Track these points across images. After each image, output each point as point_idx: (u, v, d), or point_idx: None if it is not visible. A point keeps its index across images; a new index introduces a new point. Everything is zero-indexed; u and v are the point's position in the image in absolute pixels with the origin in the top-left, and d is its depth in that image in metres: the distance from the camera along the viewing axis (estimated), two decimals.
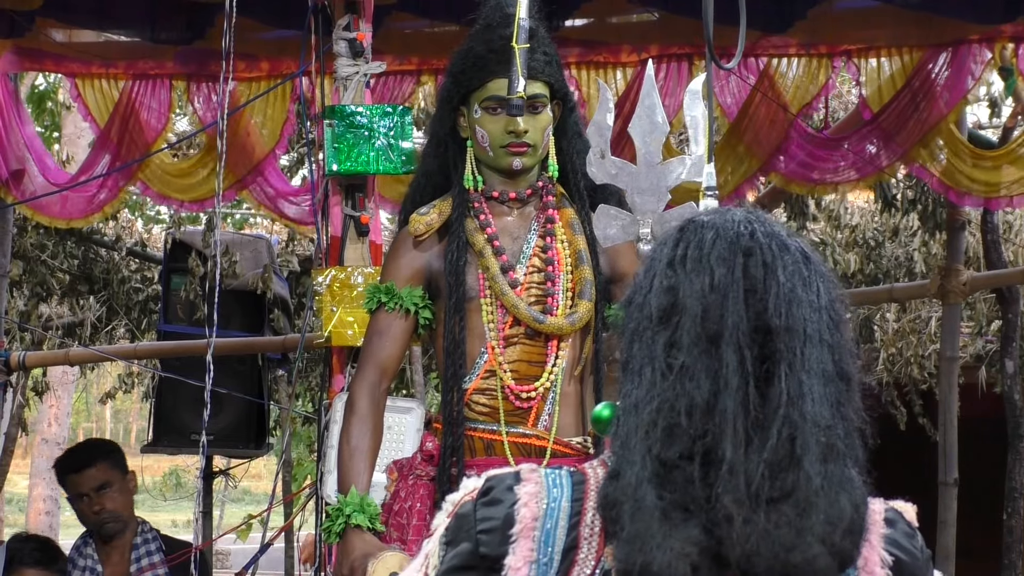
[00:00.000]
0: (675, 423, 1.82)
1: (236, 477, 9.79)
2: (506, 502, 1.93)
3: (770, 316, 1.84)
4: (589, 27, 6.90)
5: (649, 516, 1.81)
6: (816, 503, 1.80)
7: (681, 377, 1.83)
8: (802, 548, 1.80)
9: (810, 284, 1.87)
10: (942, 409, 7.79)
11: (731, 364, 1.82)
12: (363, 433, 3.96)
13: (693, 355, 1.83)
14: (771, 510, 1.80)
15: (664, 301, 1.87)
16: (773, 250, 1.88)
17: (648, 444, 1.83)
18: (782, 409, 1.81)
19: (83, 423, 33.72)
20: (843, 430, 1.84)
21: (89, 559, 5.91)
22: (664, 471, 1.82)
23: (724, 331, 1.83)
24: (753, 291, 1.85)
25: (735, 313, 1.83)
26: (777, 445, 1.80)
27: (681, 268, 1.87)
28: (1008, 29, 6.55)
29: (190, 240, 9.01)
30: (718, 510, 1.80)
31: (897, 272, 9.81)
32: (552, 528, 1.91)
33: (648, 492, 1.82)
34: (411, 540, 3.94)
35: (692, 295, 1.85)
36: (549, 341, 3.97)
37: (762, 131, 6.87)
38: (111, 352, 9.59)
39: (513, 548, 1.90)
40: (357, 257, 4.87)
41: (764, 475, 1.80)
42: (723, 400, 1.81)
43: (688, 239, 1.90)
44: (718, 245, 1.87)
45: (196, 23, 6.63)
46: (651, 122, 3.35)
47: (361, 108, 4.80)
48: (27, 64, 7.66)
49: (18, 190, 7.39)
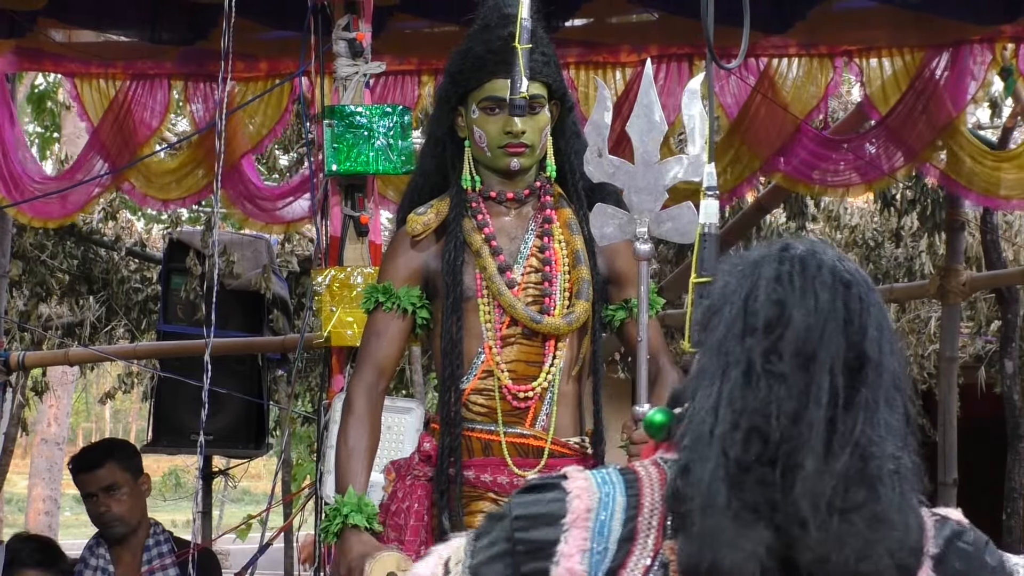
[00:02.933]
0: (758, 427, 1.91)
1: (235, 477, 9.79)
2: (550, 495, 2.02)
3: (868, 347, 1.96)
4: (589, 27, 6.90)
5: (721, 515, 1.89)
6: (889, 519, 1.91)
7: (774, 384, 1.93)
8: (873, 559, 1.90)
9: (890, 327, 2.00)
10: (941, 409, 7.79)
11: (823, 382, 1.92)
12: (361, 433, 3.96)
13: (791, 367, 1.93)
14: (843, 520, 1.89)
15: (771, 313, 1.96)
16: (867, 287, 2.00)
17: (724, 445, 1.91)
18: (860, 431, 1.92)
19: (83, 423, 33.73)
20: (909, 462, 1.96)
21: (101, 559, 5.90)
22: (738, 472, 1.90)
23: (821, 351, 1.93)
24: (851, 322, 1.96)
25: (834, 338, 1.94)
26: (851, 463, 1.91)
27: (789, 285, 1.97)
28: (1008, 30, 6.55)
29: (189, 240, 9.01)
30: (792, 514, 1.88)
31: (897, 272, 9.82)
32: (608, 519, 1.99)
33: (720, 491, 1.89)
34: (408, 540, 3.94)
35: (799, 312, 1.95)
36: (546, 341, 3.97)
37: (762, 131, 6.87)
38: (111, 352, 9.59)
39: (566, 536, 1.97)
40: (356, 257, 4.87)
41: (838, 488, 1.89)
42: (811, 413, 1.91)
43: (792, 260, 2.00)
44: (823, 272, 1.98)
45: (198, 24, 6.64)
46: (649, 121, 3.35)
47: (360, 108, 4.80)
48: (26, 64, 7.66)
49: (8, 191, 7.38)
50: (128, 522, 5.87)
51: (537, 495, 2.03)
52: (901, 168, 6.86)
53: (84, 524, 26.75)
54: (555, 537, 1.98)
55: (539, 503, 2.01)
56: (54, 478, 15.92)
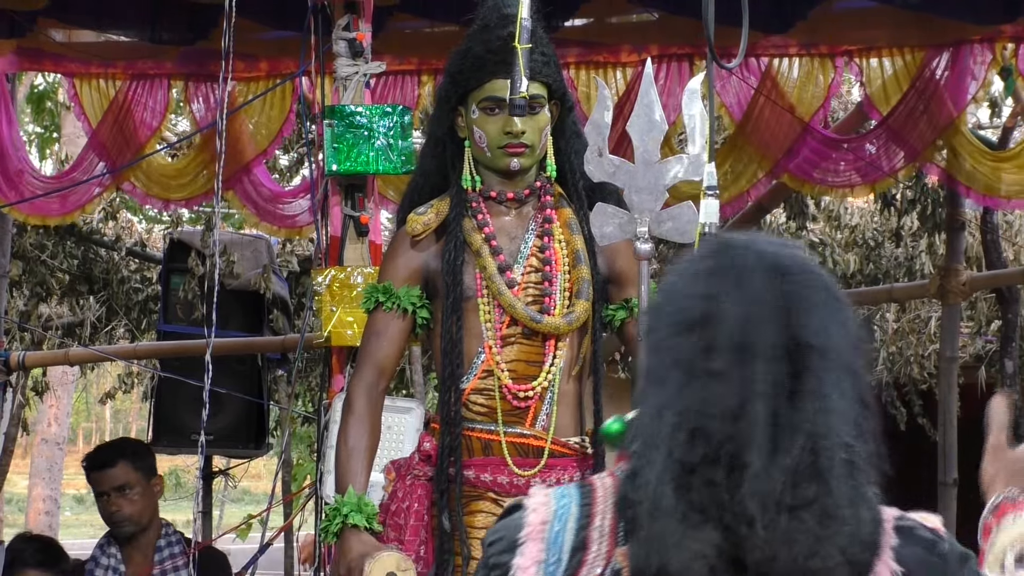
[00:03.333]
0: (701, 426, 1.85)
1: (236, 477, 9.79)
2: (515, 515, 1.99)
3: (807, 335, 1.88)
4: (589, 27, 6.90)
5: (668, 517, 1.84)
6: (839, 514, 1.85)
7: (711, 382, 1.87)
8: (822, 555, 1.84)
9: (836, 310, 1.92)
10: (942, 409, 7.79)
11: (763, 375, 1.86)
12: (361, 433, 3.96)
13: (727, 362, 1.87)
14: (792, 517, 1.84)
15: (702, 308, 1.90)
16: (809, 275, 1.93)
17: (670, 446, 1.86)
18: (808, 423, 1.86)
19: (83, 423, 33.74)
20: (863, 450, 1.89)
21: (112, 558, 5.90)
22: (684, 473, 1.85)
23: (759, 342, 1.87)
24: (789, 309, 1.90)
25: (772, 327, 1.88)
26: (801, 456, 1.85)
27: (722, 279, 1.92)
28: (1008, 30, 6.55)
29: (189, 240, 9.01)
30: (739, 513, 1.83)
31: (897, 272, 9.82)
32: (561, 530, 1.95)
33: (667, 493, 1.85)
34: (408, 540, 3.94)
35: (733, 306, 1.89)
36: (547, 341, 3.97)
37: (768, 133, 6.86)
38: (111, 352, 9.59)
39: (521, 550, 1.95)
40: (357, 257, 4.87)
41: (787, 484, 1.84)
42: (753, 408, 1.85)
43: (727, 253, 1.94)
44: (758, 262, 1.92)
45: (198, 24, 6.64)
46: (649, 120, 3.35)
47: (361, 108, 4.80)
48: (26, 64, 7.66)
49: (5, 191, 7.38)
50: (138, 522, 5.87)
51: (506, 518, 2.01)
52: (902, 168, 6.86)
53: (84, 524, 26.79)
54: (513, 555, 1.96)
55: (506, 526, 1.99)
56: (54, 478, 15.92)
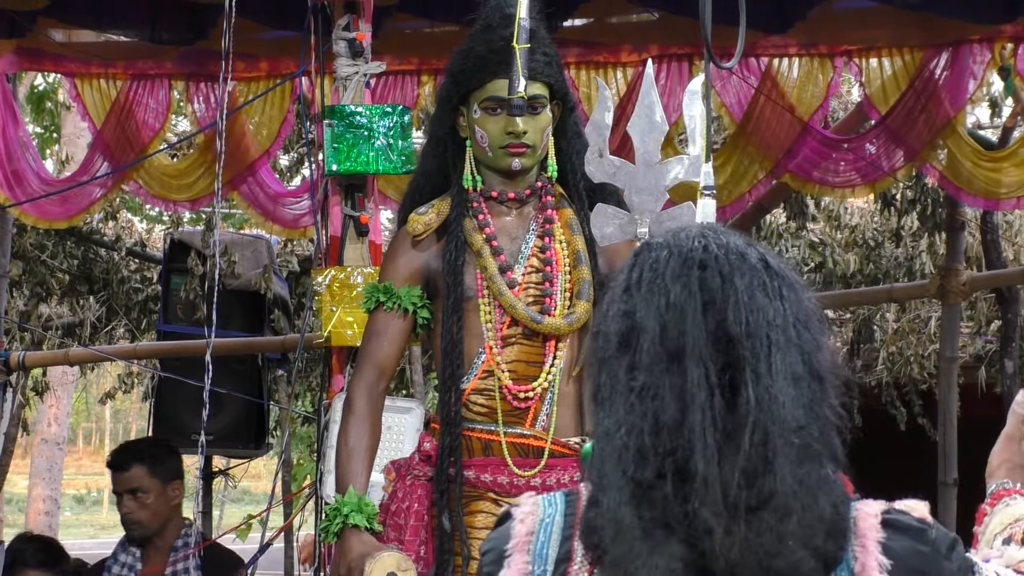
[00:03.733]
0: (643, 444, 1.83)
1: (236, 477, 9.78)
2: (504, 525, 1.97)
3: (730, 324, 1.84)
4: (588, 27, 6.90)
5: (631, 537, 1.82)
6: (794, 506, 1.81)
7: (644, 398, 1.84)
8: (785, 553, 1.81)
9: (771, 288, 1.88)
10: (942, 409, 7.79)
11: (695, 378, 1.82)
12: (361, 433, 3.96)
13: (655, 375, 1.84)
14: (751, 518, 1.81)
15: (622, 326, 1.88)
16: (730, 260, 1.88)
17: (622, 467, 1.84)
18: (751, 416, 1.82)
19: (83, 423, 33.73)
20: (818, 430, 1.85)
21: (131, 556, 5.89)
22: (641, 492, 1.83)
23: (685, 346, 1.84)
24: (712, 303, 1.85)
25: (694, 327, 1.84)
26: (750, 452, 1.81)
27: (637, 291, 1.88)
28: (1008, 29, 6.55)
29: (189, 240, 9.01)
30: (697, 524, 1.80)
31: (897, 272, 9.81)
32: (546, 541, 1.93)
33: (627, 514, 1.83)
34: (408, 540, 3.93)
35: (649, 316, 1.86)
36: (547, 341, 3.97)
37: (769, 133, 6.86)
38: (111, 352, 9.59)
39: (508, 562, 1.93)
40: (357, 257, 4.87)
41: (740, 484, 1.80)
42: (690, 415, 1.82)
43: (642, 262, 1.91)
44: (672, 263, 1.88)
45: (198, 23, 6.64)
46: (650, 121, 3.35)
47: (361, 108, 4.80)
48: (26, 64, 7.66)
49: (11, 192, 7.39)
50: (147, 526, 5.84)
51: (498, 528, 1.99)
52: (901, 168, 6.86)
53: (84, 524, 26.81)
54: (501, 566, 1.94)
55: (497, 536, 1.97)
56: (54, 478, 15.92)
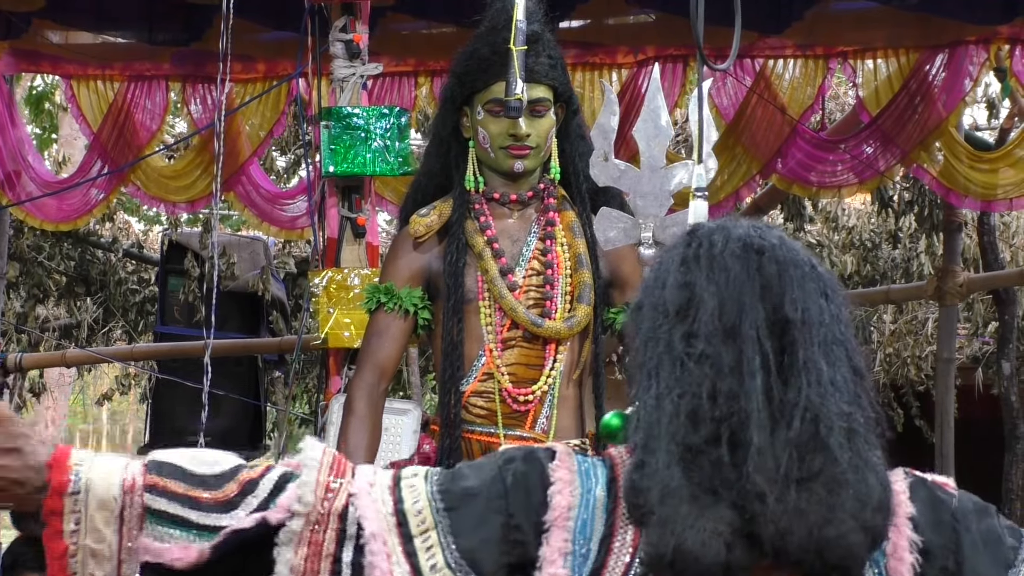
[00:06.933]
0: (699, 407, 1.88)
1: None
2: (538, 469, 1.98)
3: (787, 309, 1.91)
4: (585, 29, 6.90)
5: (678, 499, 1.86)
6: (846, 481, 1.87)
7: (702, 364, 1.89)
8: (835, 523, 1.85)
9: (820, 283, 1.95)
10: (939, 411, 7.79)
11: (751, 353, 1.89)
12: (361, 433, 3.95)
13: (714, 344, 1.90)
14: (802, 489, 1.86)
15: (680, 297, 1.93)
16: (784, 250, 1.96)
17: (672, 431, 1.88)
18: (804, 394, 1.88)
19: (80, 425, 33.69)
20: (862, 418, 1.92)
21: None
22: (690, 456, 1.87)
23: (742, 323, 1.90)
24: (769, 287, 1.93)
25: (752, 305, 1.91)
26: (802, 429, 1.87)
27: (695, 265, 1.95)
28: (1005, 31, 6.56)
29: (187, 242, 9.01)
30: (749, 490, 1.85)
31: (894, 274, 9.82)
32: (589, 519, 1.96)
33: (675, 476, 1.87)
34: None
35: (708, 290, 1.92)
36: (547, 344, 3.96)
37: (759, 133, 6.87)
38: (108, 354, 9.59)
39: (547, 538, 1.94)
40: (353, 259, 4.87)
41: (792, 456, 1.86)
42: (747, 386, 1.88)
43: (699, 240, 1.97)
44: (731, 244, 1.95)
45: (193, 25, 6.64)
46: (655, 126, 3.34)
47: (358, 110, 4.80)
48: (23, 65, 7.66)
49: (12, 192, 7.39)
50: None
51: (529, 458, 1.99)
52: (888, 169, 6.87)
53: None
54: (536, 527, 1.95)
55: (529, 469, 1.98)
56: None
